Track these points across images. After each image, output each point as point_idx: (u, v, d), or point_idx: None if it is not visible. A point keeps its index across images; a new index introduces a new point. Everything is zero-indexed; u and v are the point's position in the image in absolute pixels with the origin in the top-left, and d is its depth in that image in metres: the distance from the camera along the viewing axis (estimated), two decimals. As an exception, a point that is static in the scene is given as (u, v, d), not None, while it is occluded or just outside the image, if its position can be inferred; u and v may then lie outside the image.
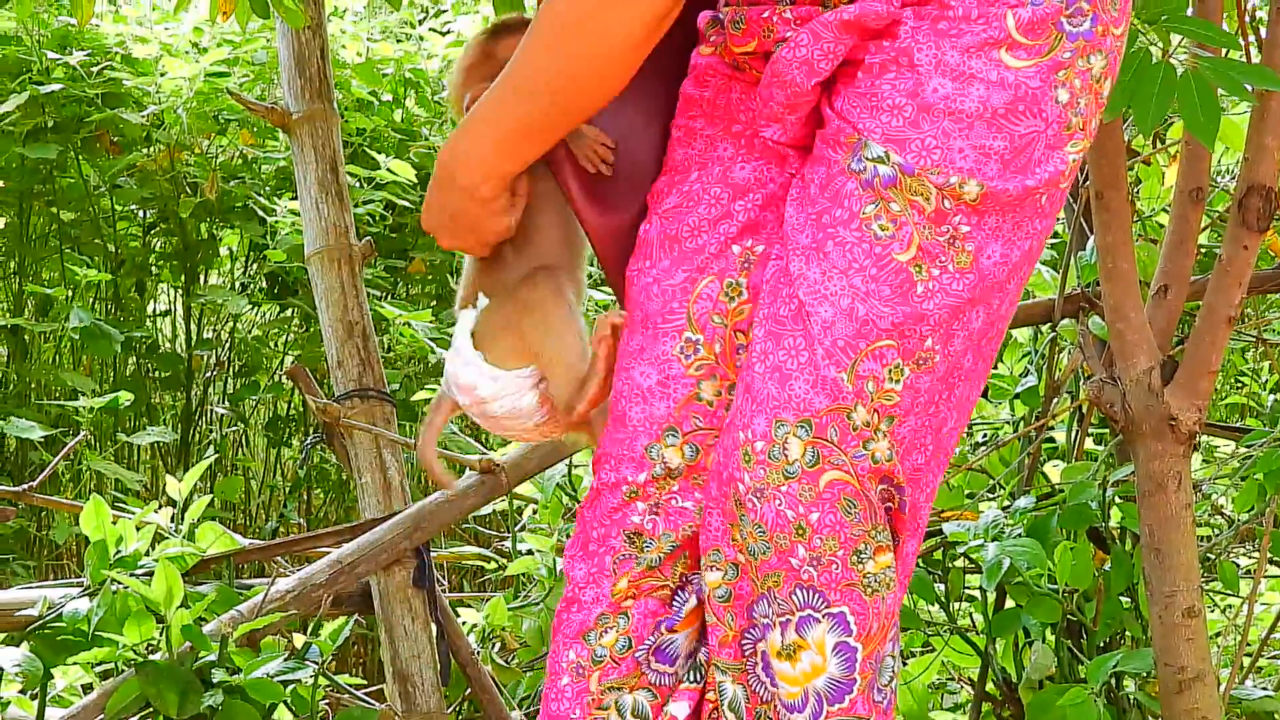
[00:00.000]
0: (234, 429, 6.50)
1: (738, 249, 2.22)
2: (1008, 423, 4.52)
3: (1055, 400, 4.29)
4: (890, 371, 2.05)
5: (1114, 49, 2.13)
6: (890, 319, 2.04)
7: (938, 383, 2.09)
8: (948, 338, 2.07)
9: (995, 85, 2.01)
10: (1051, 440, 4.46)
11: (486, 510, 4.43)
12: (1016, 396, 4.39)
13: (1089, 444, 4.42)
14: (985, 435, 4.62)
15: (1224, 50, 2.98)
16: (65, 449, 4.42)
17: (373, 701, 3.86)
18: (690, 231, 2.22)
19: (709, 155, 2.27)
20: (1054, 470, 4.36)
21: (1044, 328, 4.33)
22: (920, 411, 2.08)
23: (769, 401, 2.05)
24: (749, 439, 2.05)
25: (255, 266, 6.49)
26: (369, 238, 4.13)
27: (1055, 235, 5.88)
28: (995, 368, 4.60)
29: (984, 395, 4.71)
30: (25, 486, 4.11)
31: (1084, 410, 4.23)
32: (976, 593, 3.98)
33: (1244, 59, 3.62)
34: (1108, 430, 4.24)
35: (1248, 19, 3.80)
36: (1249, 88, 2.84)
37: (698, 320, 2.20)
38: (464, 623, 4.24)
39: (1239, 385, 6.81)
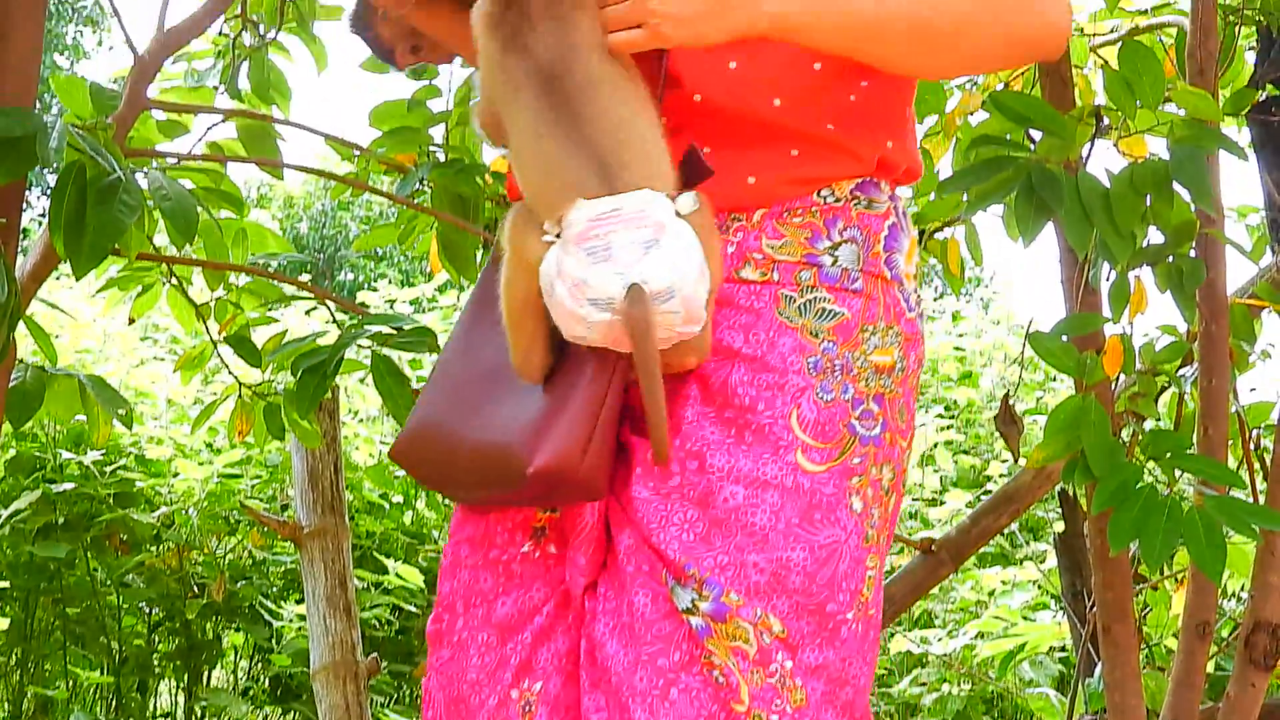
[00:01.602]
0: None
1: (516, 694, 2.07)
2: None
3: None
4: None
5: (900, 463, 2.07)
6: None
7: None
8: None
9: (789, 493, 1.95)
10: None
11: None
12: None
13: None
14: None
15: (1229, 487, 3.03)
16: None
17: None
18: (471, 687, 2.09)
19: (472, 590, 2.13)
20: None
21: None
22: None
23: None
24: None
25: (259, 668, 6.47)
26: (374, 654, 4.14)
27: (1066, 651, 5.91)
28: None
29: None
30: None
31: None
32: None
33: (1250, 492, 3.67)
34: None
35: (1252, 446, 3.86)
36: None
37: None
38: None
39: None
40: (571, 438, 1.91)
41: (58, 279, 7.67)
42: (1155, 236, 3.42)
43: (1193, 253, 3.44)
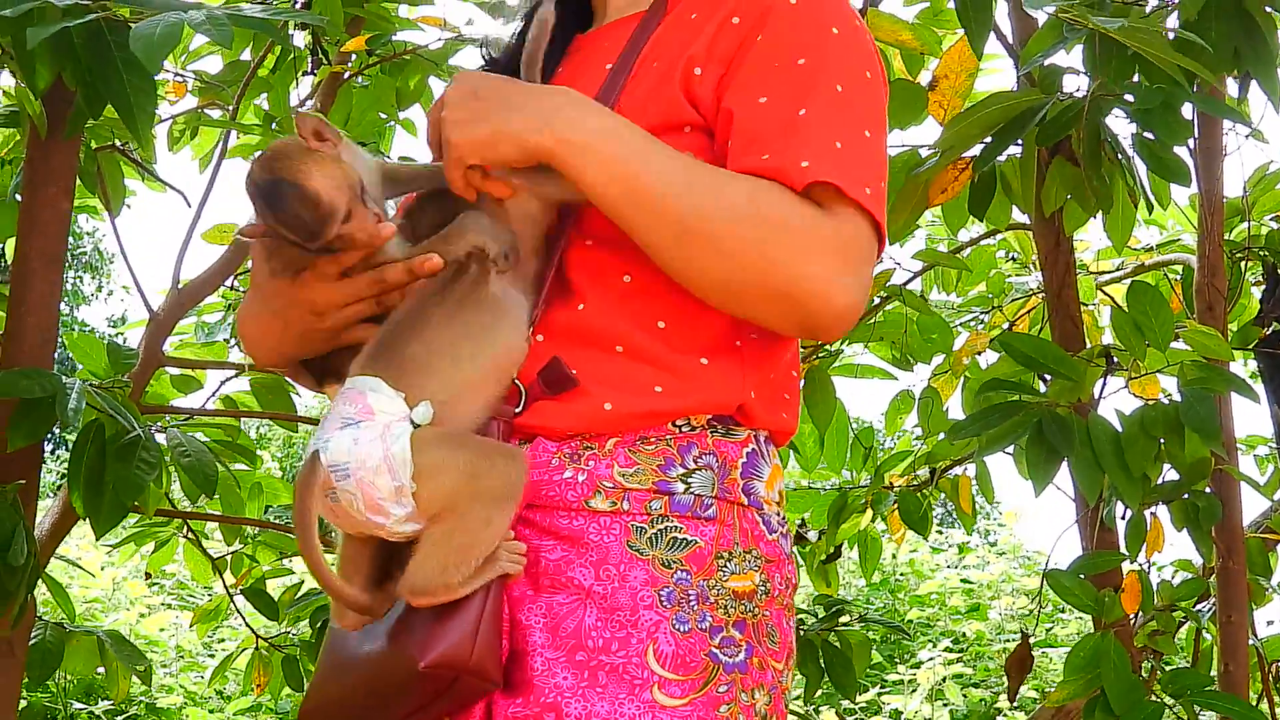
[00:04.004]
0: None
1: None
2: None
3: None
4: None
5: (776, 685, 2.03)
6: None
7: None
8: None
9: None
10: None
11: None
12: None
13: None
14: None
15: None
16: None
17: None
18: None
19: None
20: None
21: None
22: None
23: None
24: None
25: None
26: None
27: None
28: None
29: None
30: None
31: None
32: None
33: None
34: None
35: (1272, 680, 3.84)
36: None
37: None
38: None
39: None
40: (459, 629, 1.88)
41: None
42: (1170, 472, 3.44)
43: (1208, 489, 3.46)
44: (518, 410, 1.98)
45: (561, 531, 1.96)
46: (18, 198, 3.54)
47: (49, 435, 3.19)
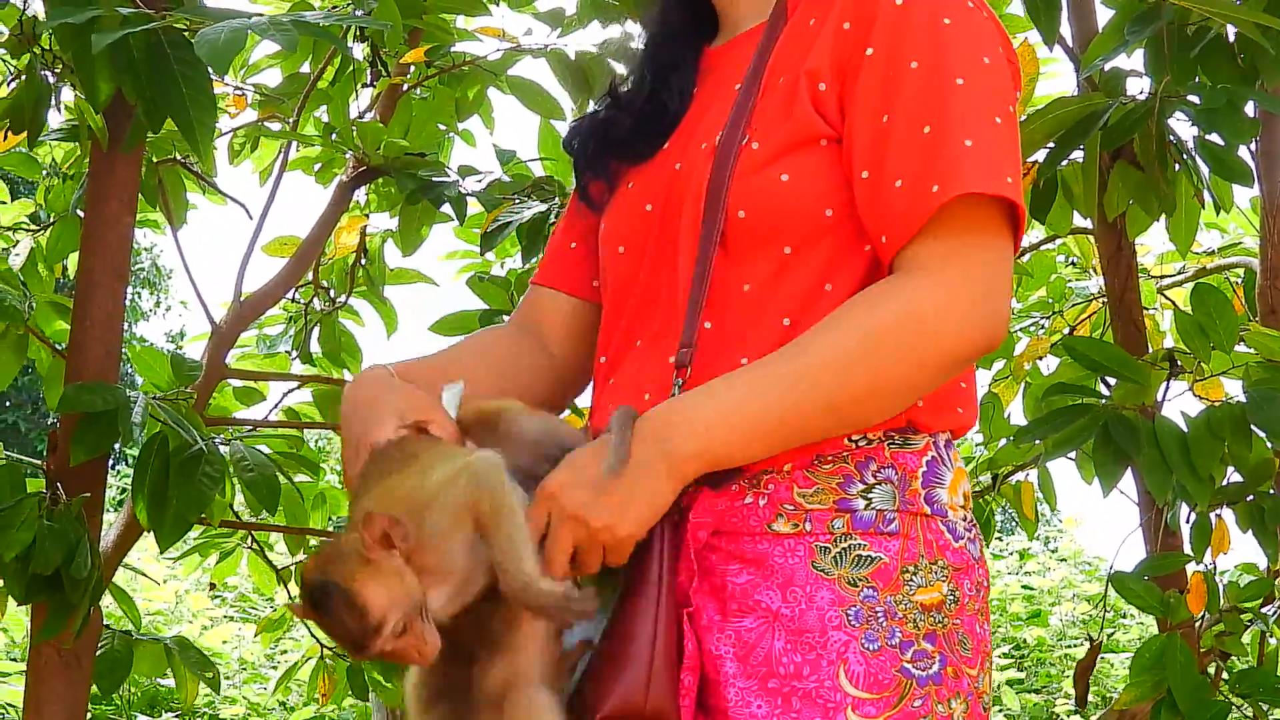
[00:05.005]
0: None
1: None
2: None
3: None
4: None
5: (972, 692, 2.02)
6: None
7: None
8: None
9: None
10: None
11: None
12: None
13: None
14: None
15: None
16: None
17: None
18: None
19: None
20: None
21: None
22: None
23: None
24: None
25: None
26: None
27: None
28: None
29: None
30: None
31: None
32: None
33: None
34: None
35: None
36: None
37: None
38: None
39: None
40: (633, 674, 1.90)
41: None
42: (1234, 475, 3.41)
43: (1272, 490, 3.43)
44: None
45: (746, 555, 1.97)
46: (79, 213, 3.56)
47: (111, 451, 3.21)
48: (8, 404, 22.84)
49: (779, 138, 1.98)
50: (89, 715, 6.16)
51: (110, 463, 3.47)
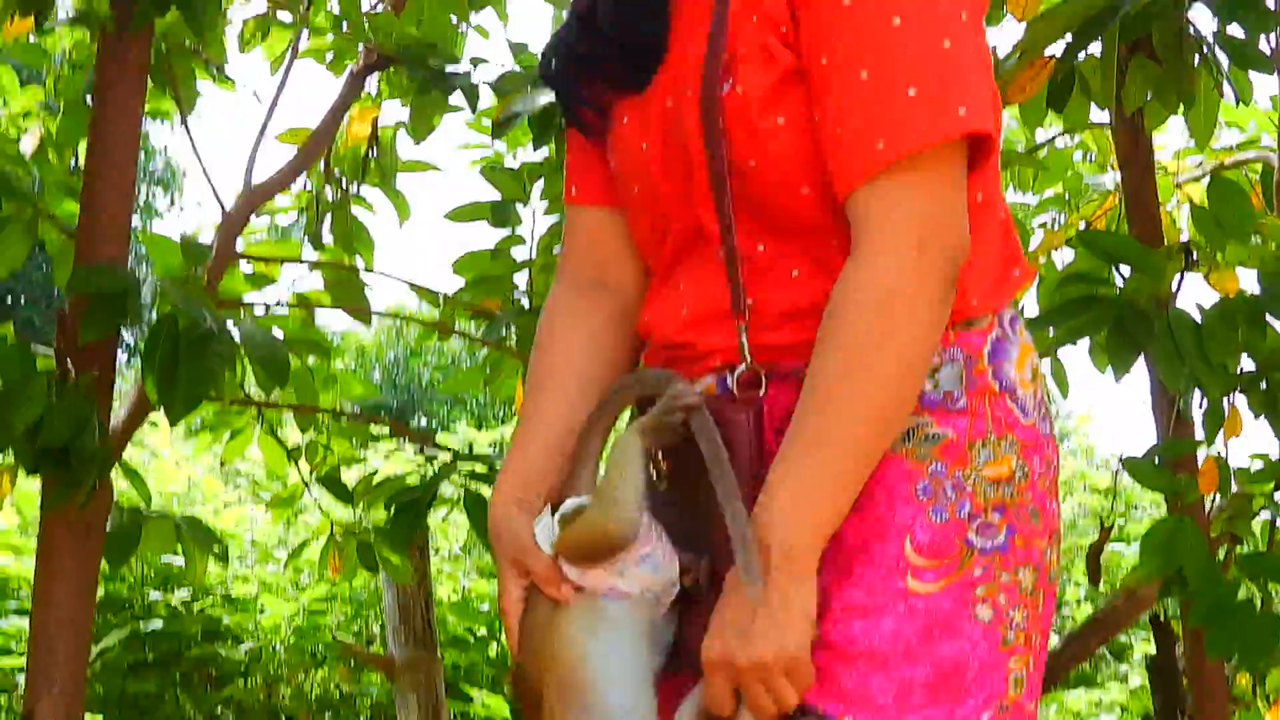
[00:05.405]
0: None
1: None
2: None
3: None
4: None
5: (1042, 563, 2.03)
6: None
7: None
8: None
9: (904, 616, 1.93)
10: None
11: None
12: None
13: None
14: None
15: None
16: None
17: None
18: None
19: None
20: None
21: None
22: None
23: None
24: None
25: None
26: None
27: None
28: None
29: None
30: None
31: None
32: None
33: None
34: None
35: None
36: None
37: None
38: None
39: None
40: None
41: (145, 424, 7.75)
42: (1247, 364, 3.41)
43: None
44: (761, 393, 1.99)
45: None
46: (89, 100, 3.55)
47: (123, 343, 3.22)
48: (22, 298, 22.92)
49: (763, 80, 1.95)
50: (102, 593, 6.22)
51: (127, 359, 3.48)
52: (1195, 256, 3.34)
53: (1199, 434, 3.52)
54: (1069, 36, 3.17)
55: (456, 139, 6.76)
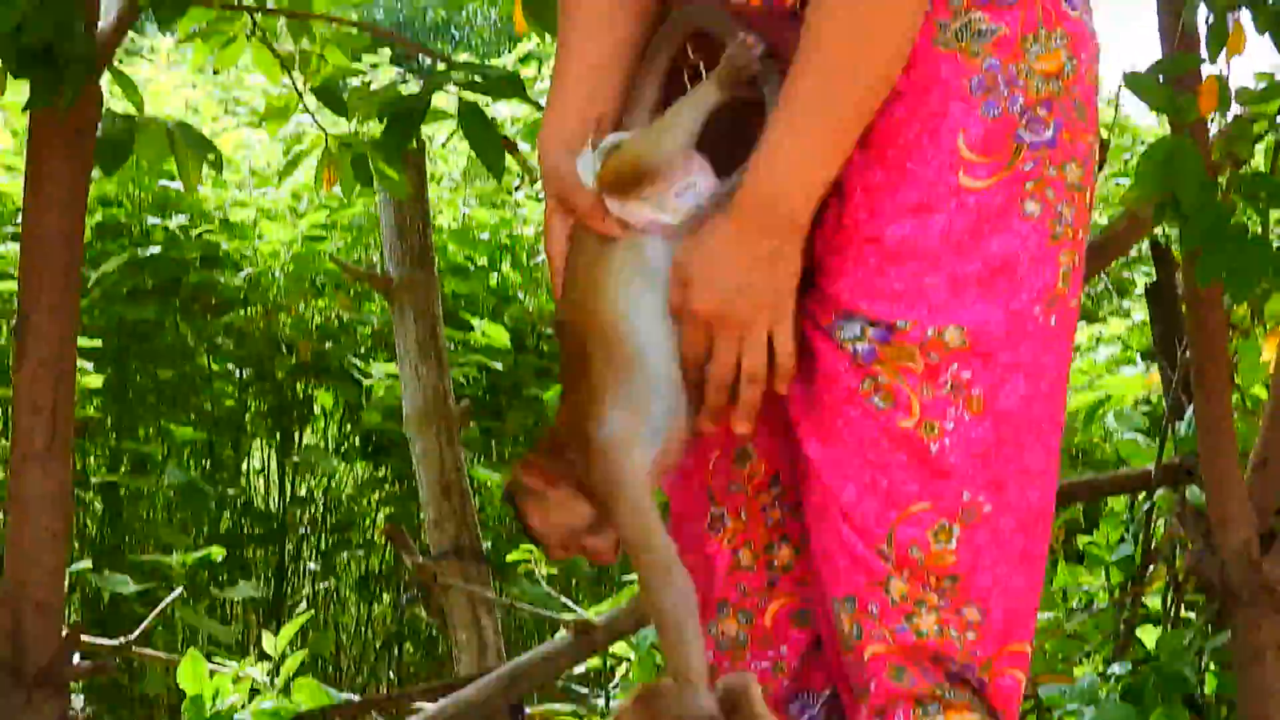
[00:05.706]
0: (326, 585, 6.55)
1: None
2: (1104, 589, 4.51)
3: (1151, 568, 4.28)
4: (936, 534, 2.02)
5: (1089, 157, 2.06)
6: (914, 482, 2.04)
7: (1008, 533, 2.05)
8: (993, 486, 2.05)
9: (955, 212, 1.97)
10: (1146, 607, 4.45)
11: (581, 669, 4.44)
12: (1113, 563, 4.39)
13: (1184, 611, 4.41)
14: (1080, 601, 4.61)
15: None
16: (162, 604, 4.46)
17: None
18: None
19: None
20: (1149, 636, 4.34)
21: (1140, 496, 4.34)
22: (990, 566, 2.04)
23: (824, 584, 2.05)
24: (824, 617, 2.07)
25: (350, 426, 6.57)
26: (467, 399, 4.18)
27: (1150, 404, 5.92)
28: (1091, 534, 4.63)
29: (1080, 561, 4.73)
30: (123, 640, 4.12)
31: (1180, 578, 4.22)
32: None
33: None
34: (1203, 597, 4.23)
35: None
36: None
37: (717, 494, 2.18)
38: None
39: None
40: None
41: (139, 55, 7.67)
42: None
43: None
44: None
45: None
46: None
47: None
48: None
49: None
50: (99, 219, 6.22)
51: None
52: None
53: (1203, 48, 3.48)
54: None
55: None
